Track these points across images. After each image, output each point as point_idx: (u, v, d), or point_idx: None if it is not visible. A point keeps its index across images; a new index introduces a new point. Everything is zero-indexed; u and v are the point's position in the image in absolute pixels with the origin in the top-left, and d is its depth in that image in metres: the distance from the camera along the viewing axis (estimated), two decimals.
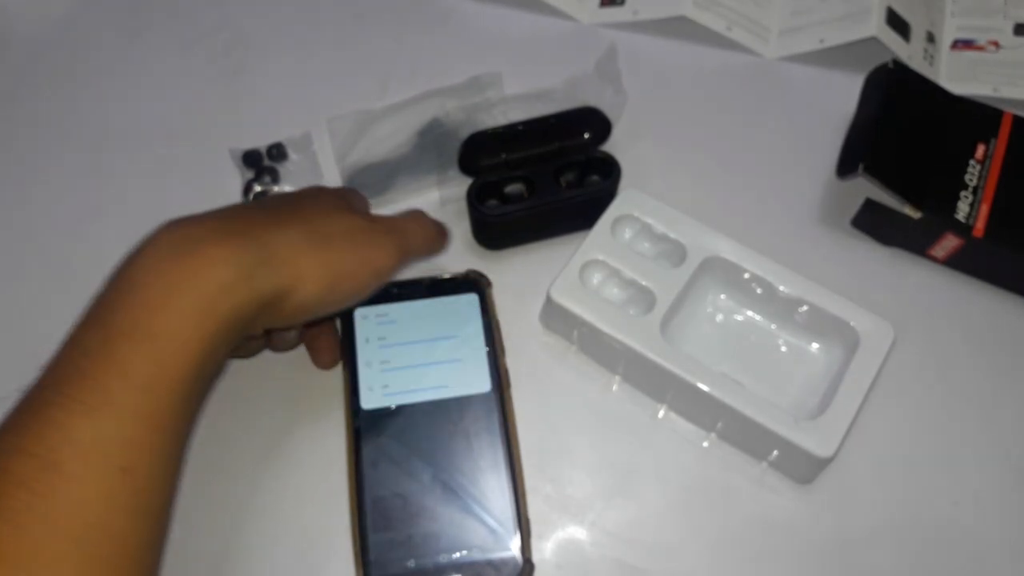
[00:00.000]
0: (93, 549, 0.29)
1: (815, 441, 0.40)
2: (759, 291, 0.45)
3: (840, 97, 0.54)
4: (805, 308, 0.44)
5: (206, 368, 0.33)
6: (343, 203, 0.40)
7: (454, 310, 0.46)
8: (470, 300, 0.46)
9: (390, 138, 0.52)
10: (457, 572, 0.39)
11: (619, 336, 0.43)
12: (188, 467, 0.42)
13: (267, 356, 0.46)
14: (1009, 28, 0.58)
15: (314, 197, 0.40)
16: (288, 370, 0.45)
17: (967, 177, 0.48)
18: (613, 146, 0.50)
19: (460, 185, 0.49)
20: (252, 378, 0.45)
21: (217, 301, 0.32)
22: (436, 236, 0.44)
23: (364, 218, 0.39)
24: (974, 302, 0.49)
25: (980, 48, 0.57)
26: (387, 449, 0.42)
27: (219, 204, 0.37)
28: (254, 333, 0.36)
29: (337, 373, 0.44)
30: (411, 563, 0.39)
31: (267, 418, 0.44)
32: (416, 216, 0.43)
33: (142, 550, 0.31)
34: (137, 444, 0.31)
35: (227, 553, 0.41)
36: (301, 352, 0.46)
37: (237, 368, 0.45)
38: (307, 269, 0.35)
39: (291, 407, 0.45)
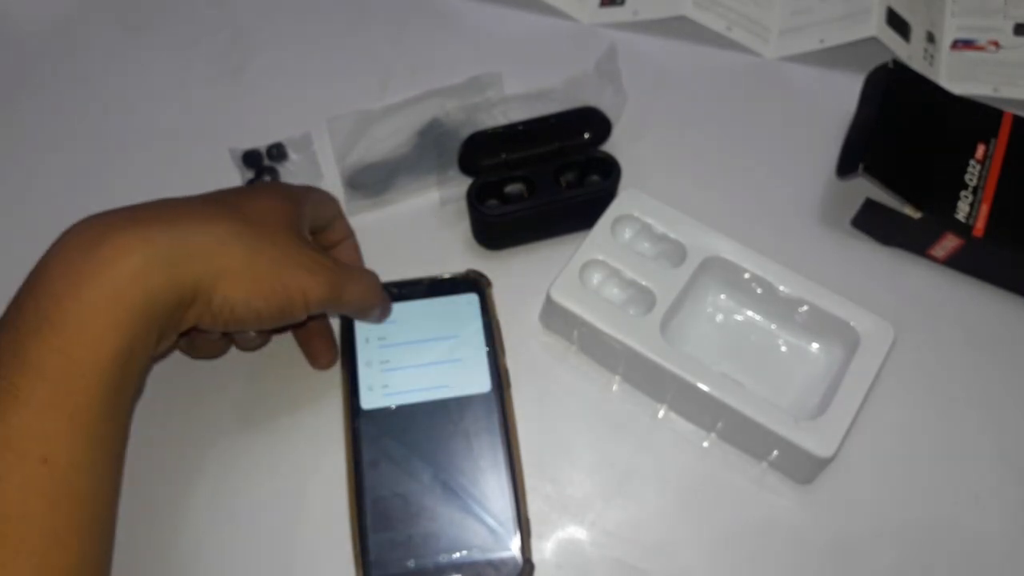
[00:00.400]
0: (14, 542, 0.30)
1: (815, 441, 0.40)
2: (759, 291, 0.45)
3: (840, 97, 0.54)
4: (805, 308, 0.44)
5: (131, 357, 0.33)
6: (292, 210, 0.39)
7: (454, 310, 0.46)
8: (470, 300, 0.46)
9: (390, 138, 0.52)
10: (457, 572, 0.39)
11: (619, 336, 0.43)
12: (186, 467, 0.43)
13: (265, 356, 0.46)
14: (1009, 28, 0.58)
15: (255, 199, 0.38)
16: (287, 370, 0.45)
17: (967, 177, 0.48)
18: (613, 146, 0.50)
19: (460, 185, 0.49)
20: (251, 378, 0.45)
21: (128, 289, 0.32)
22: (376, 301, 0.42)
23: (305, 243, 0.38)
24: (974, 302, 0.49)
25: (980, 48, 0.57)
26: (387, 449, 0.42)
27: None
28: (183, 327, 0.35)
29: (337, 373, 0.44)
30: (411, 563, 0.39)
31: (266, 418, 0.44)
32: (367, 273, 0.42)
33: (72, 538, 0.31)
34: (54, 435, 0.31)
35: (226, 553, 0.41)
36: (299, 352, 0.46)
37: (236, 368, 0.45)
38: (231, 267, 0.35)
39: (290, 407, 0.45)
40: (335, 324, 0.46)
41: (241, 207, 0.37)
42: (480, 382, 0.44)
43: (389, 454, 0.42)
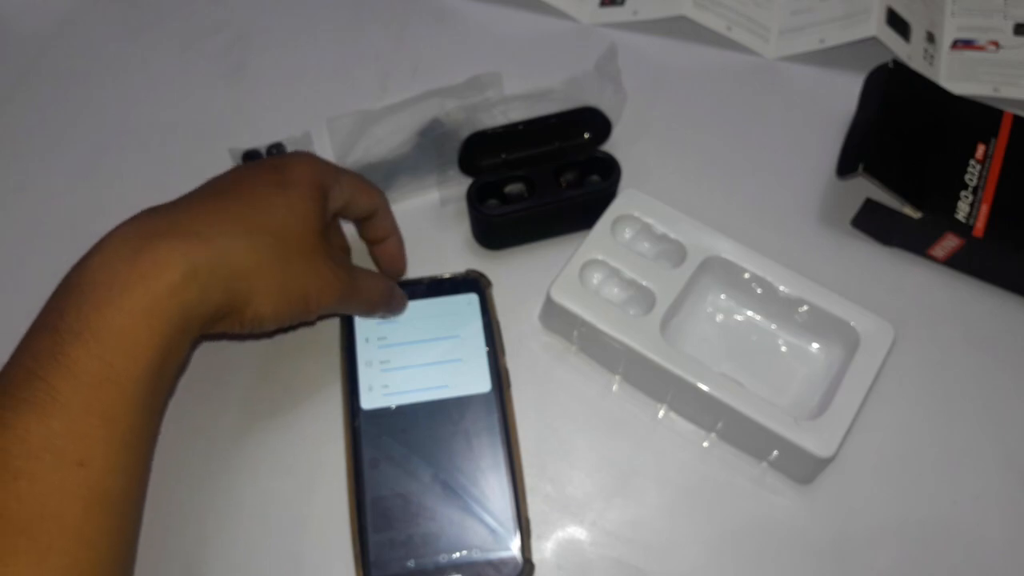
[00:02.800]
0: (47, 540, 0.30)
1: (815, 441, 0.40)
2: (759, 291, 0.45)
3: (840, 97, 0.54)
4: (805, 308, 0.44)
5: (164, 366, 0.34)
6: (319, 212, 0.39)
7: (454, 310, 0.46)
8: (470, 300, 0.46)
9: (390, 138, 0.52)
10: (457, 572, 0.39)
11: (619, 336, 0.43)
12: (186, 467, 0.43)
13: (265, 356, 0.46)
14: (1009, 28, 0.58)
15: (286, 203, 0.38)
16: (287, 370, 0.45)
17: (967, 177, 0.48)
18: (613, 146, 0.50)
19: (460, 185, 0.49)
20: (251, 377, 0.45)
21: (166, 302, 0.33)
22: (379, 304, 0.44)
23: (326, 249, 0.39)
24: (974, 302, 0.49)
25: (980, 48, 0.57)
26: (387, 449, 0.42)
27: None
28: (210, 333, 0.36)
29: (337, 373, 0.44)
30: (411, 563, 0.39)
31: (266, 418, 0.44)
32: (376, 278, 0.43)
33: (102, 539, 0.32)
34: (91, 439, 0.32)
35: (226, 552, 0.41)
36: (301, 352, 0.46)
37: (236, 367, 0.45)
38: (263, 284, 0.36)
39: (290, 407, 0.45)
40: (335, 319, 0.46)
41: (274, 212, 0.38)
42: (480, 382, 0.44)
43: (389, 454, 0.42)
